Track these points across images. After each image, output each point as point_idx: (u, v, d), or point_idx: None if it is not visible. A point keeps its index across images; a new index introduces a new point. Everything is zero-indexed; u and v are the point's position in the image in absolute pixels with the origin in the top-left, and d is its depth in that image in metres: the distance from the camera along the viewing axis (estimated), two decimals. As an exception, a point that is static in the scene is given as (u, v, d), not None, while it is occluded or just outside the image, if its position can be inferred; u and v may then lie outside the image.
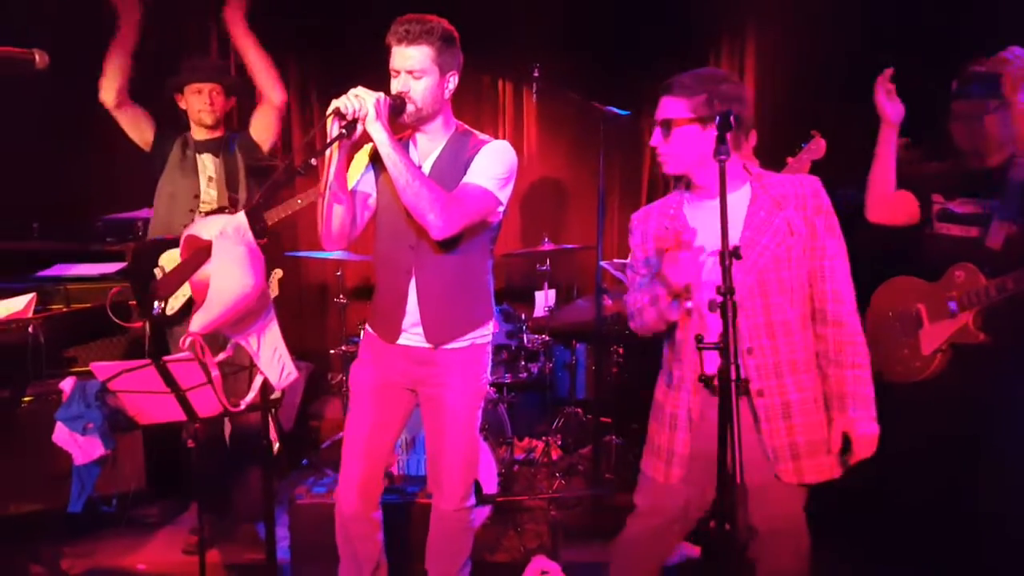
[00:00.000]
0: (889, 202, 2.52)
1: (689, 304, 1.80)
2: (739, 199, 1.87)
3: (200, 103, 3.05)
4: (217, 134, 3.12)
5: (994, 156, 2.36)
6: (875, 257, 2.98)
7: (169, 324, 2.95)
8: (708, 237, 1.81)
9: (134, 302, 3.00)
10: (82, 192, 3.94)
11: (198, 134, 3.11)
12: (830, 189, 1.94)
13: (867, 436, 1.83)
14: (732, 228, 1.81)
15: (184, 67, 3.10)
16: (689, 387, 1.90)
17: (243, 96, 3.22)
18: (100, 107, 3.03)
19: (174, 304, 2.90)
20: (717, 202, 1.70)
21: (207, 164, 3.07)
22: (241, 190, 3.08)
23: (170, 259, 2.91)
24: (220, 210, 2.96)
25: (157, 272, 2.92)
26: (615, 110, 3.33)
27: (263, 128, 3.09)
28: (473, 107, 4.65)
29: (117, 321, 2.66)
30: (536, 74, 3.35)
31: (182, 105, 3.11)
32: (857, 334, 1.88)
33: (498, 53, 4.38)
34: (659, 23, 4.48)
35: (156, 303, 2.83)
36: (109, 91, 2.99)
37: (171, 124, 3.18)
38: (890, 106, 2.39)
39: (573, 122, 4.82)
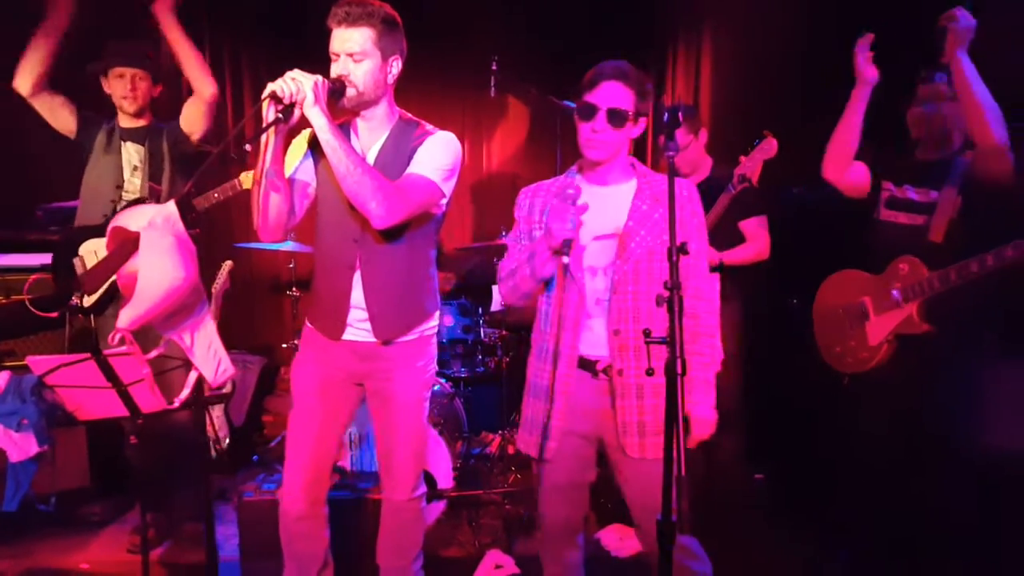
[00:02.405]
0: (846, 162, 2.54)
1: (566, 259, 1.82)
2: (626, 190, 1.97)
3: (123, 88, 2.92)
4: (143, 122, 2.99)
5: (943, 147, 2.44)
6: (823, 243, 3.06)
7: (87, 314, 2.85)
8: (591, 223, 1.90)
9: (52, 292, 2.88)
10: (20, 180, 3.78)
11: (124, 121, 2.99)
12: (781, 189, 1.98)
13: (704, 419, 1.95)
14: (617, 216, 1.93)
15: (107, 50, 2.95)
16: (550, 359, 1.98)
17: (177, 86, 3.11)
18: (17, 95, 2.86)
19: (90, 297, 2.80)
20: (607, 189, 1.95)
21: (132, 153, 2.95)
22: (165, 181, 2.95)
23: (89, 249, 2.81)
24: (140, 201, 2.85)
25: (76, 263, 2.81)
26: (572, 105, 3.33)
27: (193, 120, 2.96)
28: (432, 101, 4.61)
29: (35, 312, 2.55)
30: (495, 68, 3.33)
31: (106, 89, 2.97)
32: (711, 328, 2.00)
33: (457, 47, 4.35)
34: (616, 20, 4.51)
35: (73, 295, 2.72)
36: (26, 80, 2.83)
37: (97, 109, 3.03)
38: (867, 68, 2.41)
39: (530, 116, 4.83)
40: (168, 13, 2.82)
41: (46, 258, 3.40)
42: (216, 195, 2.85)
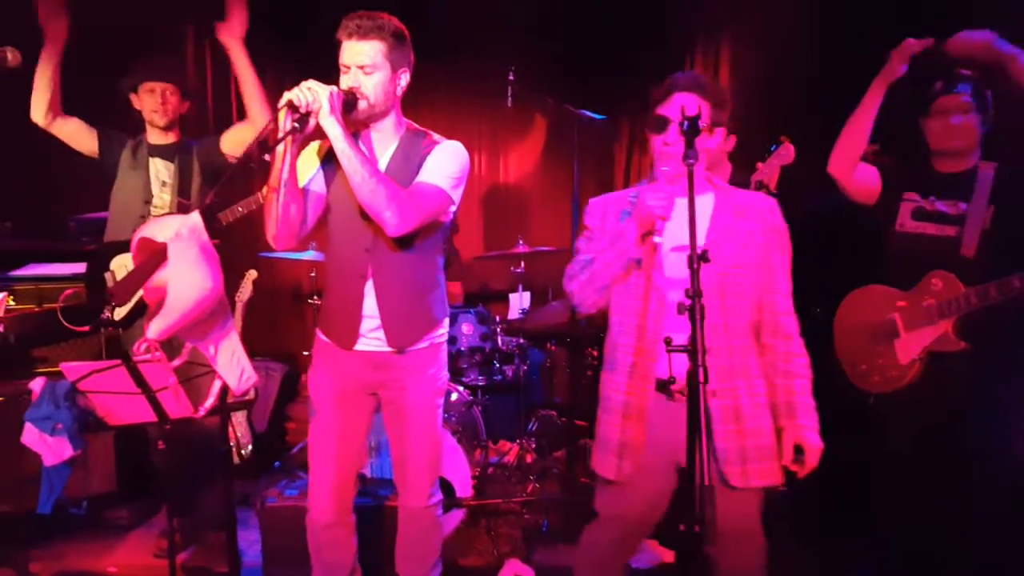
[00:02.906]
0: (854, 159, 2.50)
1: (657, 239, 1.76)
2: (705, 203, 1.92)
3: (153, 103, 2.96)
4: (171, 139, 3.05)
5: (965, 158, 2.42)
6: (840, 253, 3.03)
7: (118, 328, 2.91)
8: (672, 233, 1.85)
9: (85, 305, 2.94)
10: (55, 191, 3.88)
11: (152, 137, 3.03)
12: (805, 195, 1.98)
13: (817, 447, 1.87)
14: (698, 230, 1.84)
15: (137, 66, 3.01)
16: (626, 372, 1.91)
17: (201, 105, 3.14)
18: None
19: (122, 310, 2.87)
20: (682, 201, 1.75)
21: (160, 168, 3.00)
22: (194, 196, 2.99)
23: (120, 263, 2.87)
24: (168, 215, 2.91)
25: (108, 277, 2.88)
26: (590, 114, 3.36)
27: (238, 143, 2.99)
28: (449, 111, 4.66)
29: (66, 325, 2.61)
30: (511, 78, 3.37)
31: (136, 105, 3.03)
32: (802, 347, 1.95)
33: (474, 58, 4.40)
34: (634, 27, 4.53)
35: (105, 307, 2.78)
36: (38, 110, 2.89)
37: (121, 128, 3.08)
38: (900, 65, 2.38)
39: (547, 125, 4.86)
40: (236, 40, 2.83)
41: (79, 268, 3.49)
42: (240, 208, 2.90)
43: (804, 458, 1.87)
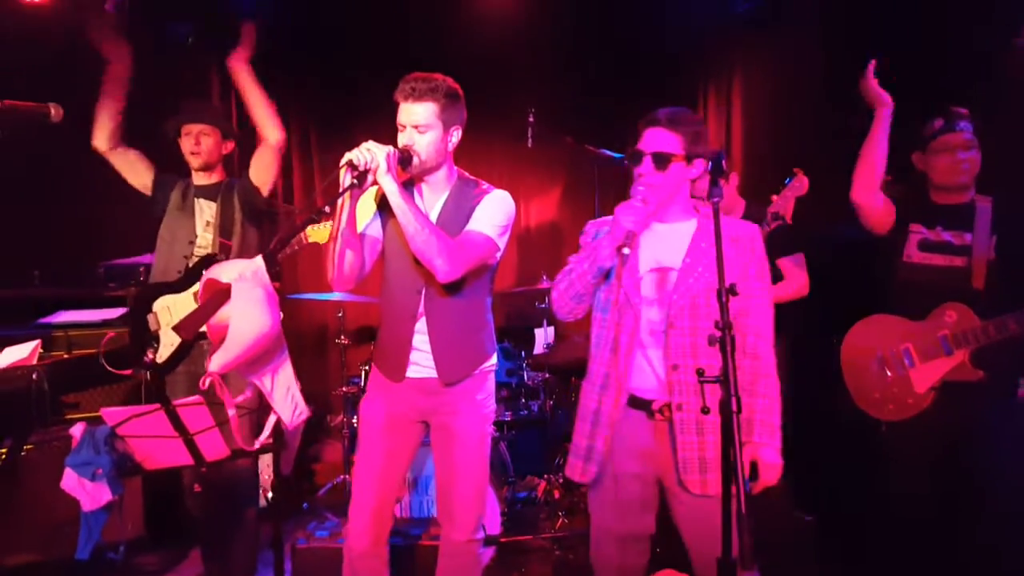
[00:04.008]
0: (875, 184, 2.55)
1: (626, 251, 1.85)
2: (686, 228, 2.03)
3: (189, 145, 3.03)
4: (215, 179, 3.11)
5: (965, 192, 2.50)
6: (849, 283, 3.05)
7: (160, 372, 2.94)
8: (650, 255, 1.98)
9: (125, 349, 2.97)
10: (82, 238, 3.97)
11: (197, 179, 3.10)
12: (825, 225, 2.02)
13: (772, 464, 1.93)
14: (676, 253, 1.99)
15: (180, 109, 3.10)
16: (599, 382, 2.02)
17: (247, 142, 3.24)
18: (97, 154, 3.02)
19: (163, 353, 2.90)
20: (666, 227, 2.01)
21: (204, 209, 3.05)
22: (235, 236, 3.04)
23: (163, 305, 2.92)
24: (211, 256, 2.96)
25: (150, 318, 2.92)
26: (609, 153, 3.42)
27: (262, 169, 3.07)
28: (470, 151, 4.72)
29: (109, 368, 2.65)
30: (531, 119, 3.44)
31: (182, 148, 3.09)
32: (771, 368, 2.00)
33: (493, 99, 4.49)
34: (649, 70, 4.63)
35: (148, 351, 2.82)
36: (101, 136, 2.99)
37: (176, 170, 3.15)
38: (882, 93, 2.49)
39: (567, 166, 4.93)
40: (243, 65, 2.97)
41: (108, 314, 3.55)
42: (287, 249, 2.97)
43: (759, 474, 1.93)
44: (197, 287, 2.78)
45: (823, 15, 3.69)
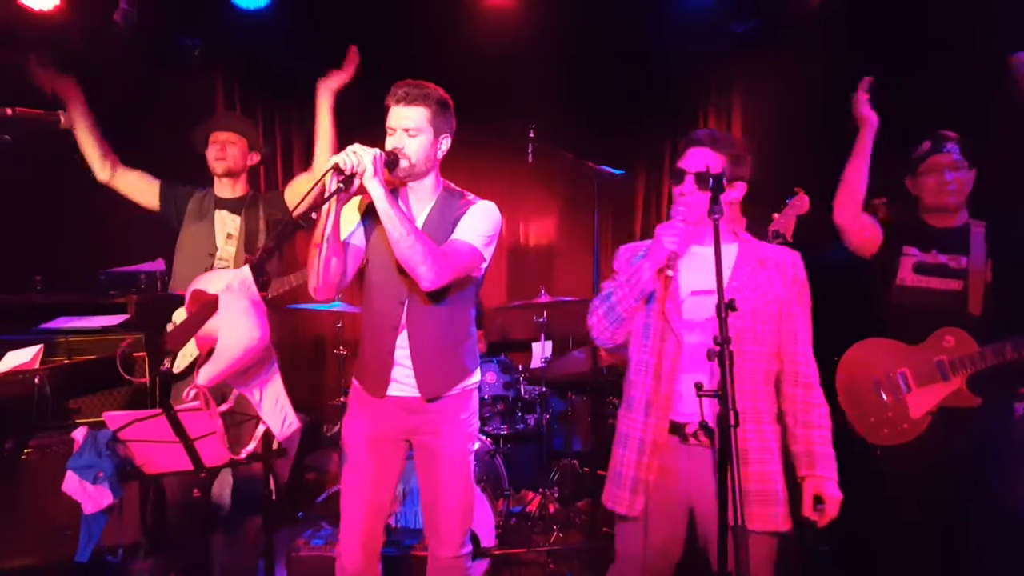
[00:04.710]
0: (856, 206, 2.58)
1: (670, 272, 1.87)
2: (728, 252, 1.99)
3: (213, 152, 3.03)
4: (239, 192, 3.09)
5: (957, 215, 2.52)
6: (844, 305, 3.07)
7: (175, 380, 2.95)
8: (691, 279, 1.96)
9: (142, 355, 2.98)
10: (84, 245, 4.00)
11: (220, 190, 3.08)
12: (816, 246, 2.05)
13: (836, 498, 1.89)
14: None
15: (208, 120, 3.12)
16: (642, 409, 1.97)
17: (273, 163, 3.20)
18: (106, 187, 3.03)
19: (181, 363, 2.90)
20: (705, 250, 1.89)
21: (226, 220, 3.03)
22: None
23: (180, 316, 2.92)
24: (222, 270, 2.95)
25: (169, 327, 2.92)
26: (609, 169, 3.46)
27: (299, 194, 2.97)
28: (469, 167, 4.78)
29: (124, 376, 2.67)
30: (532, 135, 3.48)
31: (207, 157, 3.09)
32: (822, 398, 1.98)
33: (494, 114, 4.55)
34: (649, 84, 4.68)
35: (165, 360, 2.82)
36: (95, 167, 2.98)
37: (197, 182, 3.15)
38: (869, 112, 2.54)
39: (567, 182, 4.98)
40: (333, 89, 2.95)
41: (108, 320, 3.56)
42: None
43: (824, 508, 1.89)
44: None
45: (822, 36, 3.75)
